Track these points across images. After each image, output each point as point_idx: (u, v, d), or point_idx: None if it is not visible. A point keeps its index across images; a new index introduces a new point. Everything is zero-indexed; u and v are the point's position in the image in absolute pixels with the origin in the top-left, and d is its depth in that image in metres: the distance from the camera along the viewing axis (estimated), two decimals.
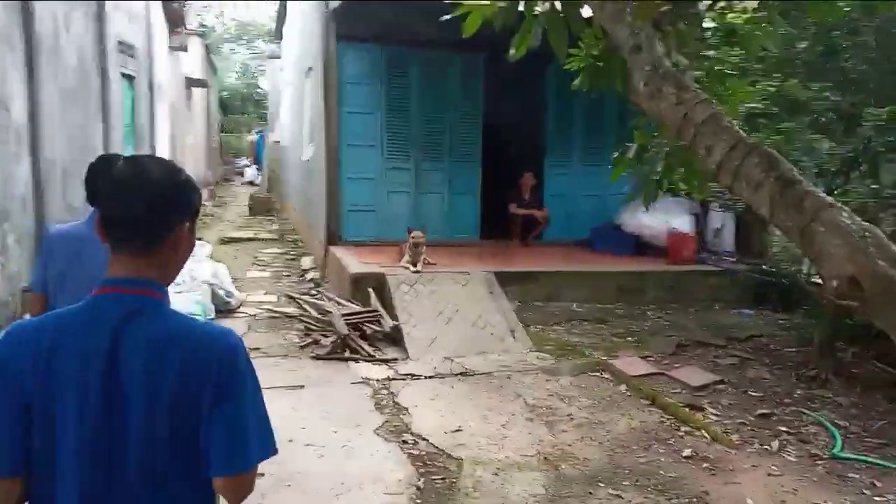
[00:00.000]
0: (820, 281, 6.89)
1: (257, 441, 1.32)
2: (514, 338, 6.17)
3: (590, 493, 3.73)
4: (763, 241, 8.36)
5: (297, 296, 7.52)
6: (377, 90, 8.44)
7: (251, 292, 7.99)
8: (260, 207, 15.48)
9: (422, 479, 3.80)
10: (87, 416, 1.25)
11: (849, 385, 5.44)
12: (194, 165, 16.48)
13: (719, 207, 8.38)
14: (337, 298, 6.94)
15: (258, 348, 5.92)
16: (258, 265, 9.67)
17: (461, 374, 5.48)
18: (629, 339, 6.57)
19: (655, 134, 2.95)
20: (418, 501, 3.58)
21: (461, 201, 8.95)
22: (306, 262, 9.44)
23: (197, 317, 3.99)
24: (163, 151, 11.64)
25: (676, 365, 5.89)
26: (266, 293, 8.05)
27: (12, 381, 1.26)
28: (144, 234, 1.31)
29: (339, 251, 8.03)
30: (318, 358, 5.68)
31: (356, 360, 5.65)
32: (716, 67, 3.27)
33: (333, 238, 8.49)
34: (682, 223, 8.59)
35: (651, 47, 2.33)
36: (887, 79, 4.72)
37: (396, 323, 6.07)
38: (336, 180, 8.45)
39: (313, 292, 7.81)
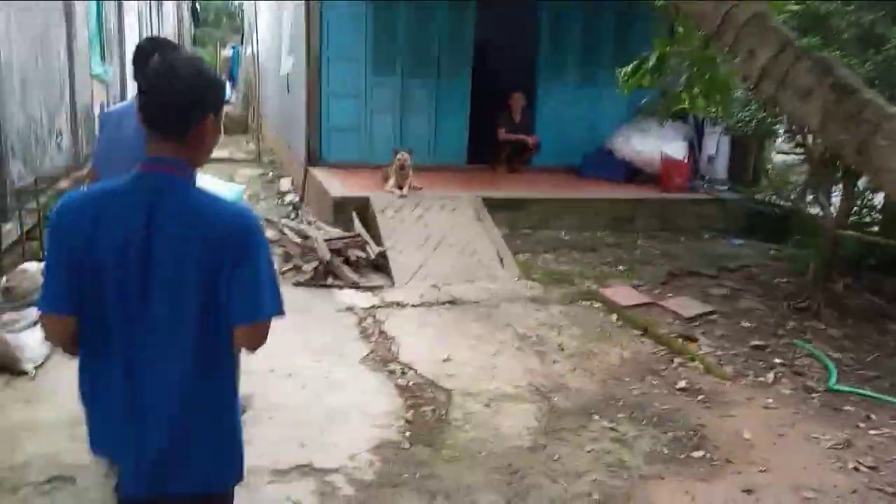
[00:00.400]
0: (819, 211, 6.78)
1: (270, 299, 1.59)
2: (502, 266, 5.98)
3: (583, 425, 3.62)
4: (758, 169, 8.14)
5: (276, 219, 7.21)
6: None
7: None
8: (235, 126, 14.87)
9: (410, 411, 3.66)
10: (125, 269, 1.53)
11: (841, 317, 5.36)
12: None
13: (719, 130, 8.11)
14: (318, 223, 6.66)
15: None
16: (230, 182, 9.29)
17: (448, 302, 5.30)
18: (619, 268, 6.42)
19: (676, 42, 2.64)
20: (407, 434, 3.44)
21: (449, 123, 8.55)
22: (285, 183, 9.08)
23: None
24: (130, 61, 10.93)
25: (668, 295, 5.76)
26: None
27: (66, 242, 1.55)
28: (175, 123, 1.54)
29: (319, 173, 7.68)
30: (299, 285, 5.45)
31: (340, 288, 5.44)
32: None
33: (314, 159, 8.11)
34: (676, 149, 8.33)
35: None
36: None
37: (381, 249, 5.83)
38: (317, 97, 8.00)
39: (292, 216, 7.51)
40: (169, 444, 1.61)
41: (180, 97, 1.52)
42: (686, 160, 8.24)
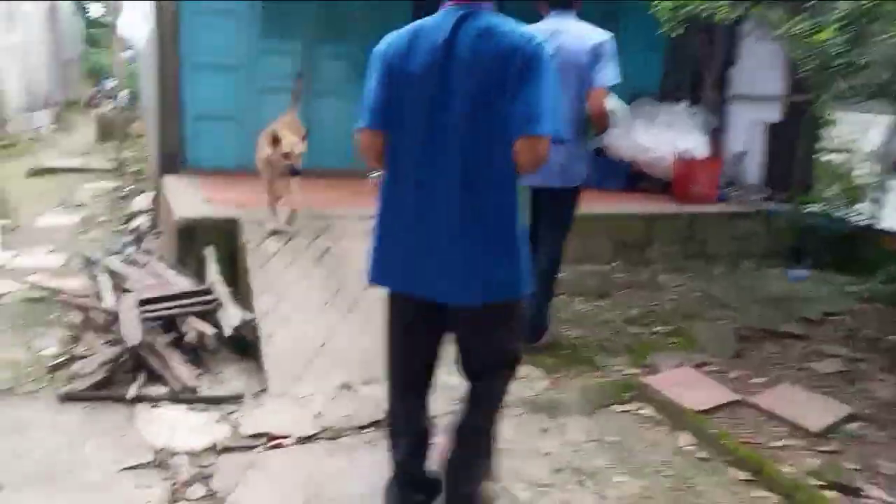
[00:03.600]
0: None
1: (550, 119, 1.75)
2: None
3: None
4: (806, 171, 5.88)
5: (97, 255, 4.46)
6: None
7: (27, 250, 4.84)
8: (113, 131, 11.83)
9: None
10: (428, 83, 1.81)
11: None
12: (26, 76, 12.56)
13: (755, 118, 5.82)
14: (158, 263, 3.95)
15: None
16: (68, 206, 6.41)
17: (373, 424, 2.69)
18: (653, 325, 3.97)
19: None
20: None
21: None
22: (139, 202, 6.27)
23: None
24: None
25: (755, 379, 3.34)
26: (52, 251, 4.90)
27: (388, 64, 1.86)
28: None
29: (176, 184, 4.95)
30: (71, 398, 2.73)
31: (154, 402, 2.74)
32: None
33: (172, 163, 5.36)
34: (695, 143, 5.98)
35: None
36: None
37: (248, 316, 3.17)
38: (174, 71, 5.27)
39: (129, 250, 4.76)
40: (447, 261, 1.81)
41: None
42: (711, 159, 5.91)
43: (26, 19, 13.60)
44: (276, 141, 3.67)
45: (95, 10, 24.22)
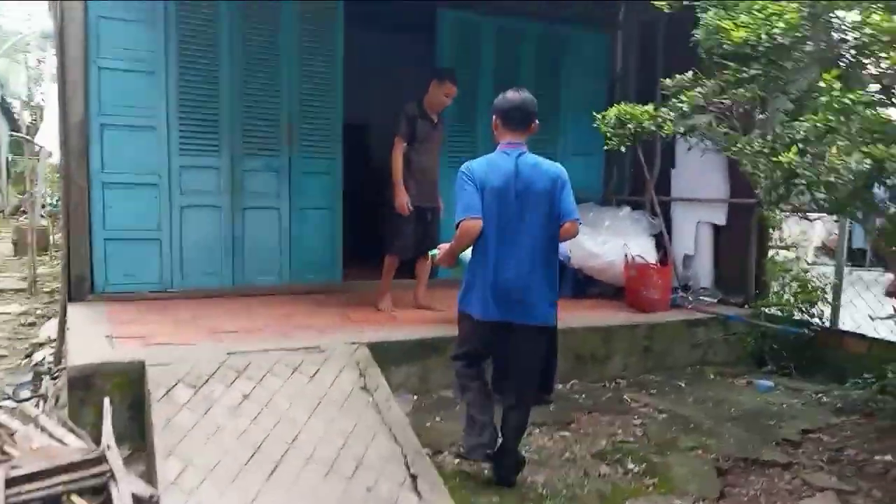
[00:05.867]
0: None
1: (575, 210, 3.03)
2: (417, 494, 2.88)
3: None
4: (759, 273, 5.72)
5: None
6: (159, 30, 4.92)
7: None
8: (32, 243, 11.02)
9: None
10: (506, 192, 2.98)
11: None
12: None
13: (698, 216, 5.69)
14: (52, 419, 3.32)
15: None
16: None
17: None
18: (624, 460, 3.52)
19: None
20: None
21: (312, 219, 5.59)
22: (48, 329, 5.59)
23: None
24: None
25: None
26: None
27: (479, 180, 2.99)
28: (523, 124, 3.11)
29: (78, 316, 4.37)
30: None
31: None
32: None
33: (80, 288, 4.80)
34: (642, 247, 5.80)
35: None
36: None
37: (145, 492, 2.58)
38: (84, 185, 4.79)
39: (24, 394, 4.10)
40: (521, 296, 3.00)
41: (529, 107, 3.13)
42: (659, 263, 5.71)
43: None
44: None
45: (25, 117, 23.55)
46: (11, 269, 9.79)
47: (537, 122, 3.12)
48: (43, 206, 15.31)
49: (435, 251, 3.55)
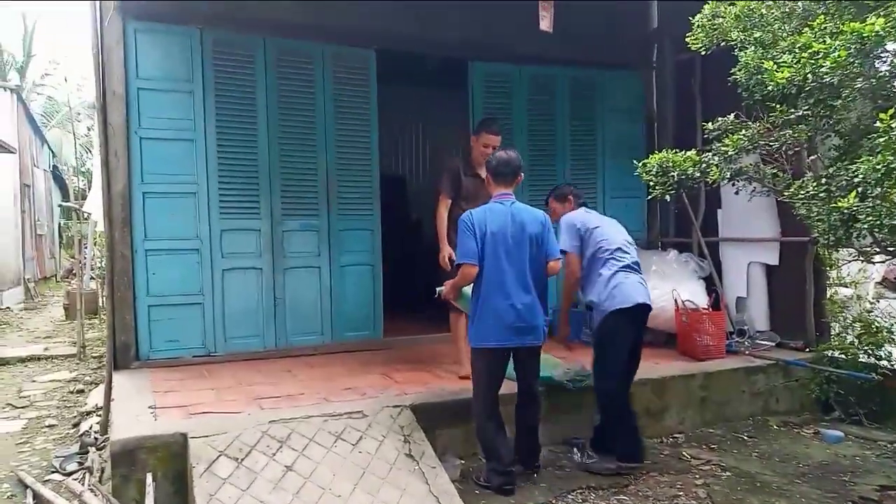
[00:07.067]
0: None
1: (557, 250, 3.70)
2: None
3: None
4: (821, 315, 5.43)
5: (30, 476, 3.78)
6: (197, 98, 5.05)
7: None
8: (85, 307, 11.29)
9: None
10: (502, 235, 3.51)
11: None
12: None
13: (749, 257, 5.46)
14: (97, 497, 3.29)
15: None
16: (13, 407, 5.72)
17: None
18: None
19: None
20: None
21: (352, 277, 5.57)
22: (96, 397, 5.63)
23: None
24: None
25: None
26: None
27: (478, 227, 3.51)
28: (512, 176, 3.71)
29: (123, 385, 4.38)
30: None
31: None
32: None
33: (125, 356, 4.83)
34: (693, 291, 5.59)
35: None
36: None
37: None
38: (128, 253, 4.87)
39: (71, 467, 4.08)
40: (526, 322, 3.50)
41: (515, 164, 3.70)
42: (714, 306, 5.48)
43: None
44: None
45: (76, 183, 24.58)
46: (63, 333, 10.01)
47: (522, 175, 3.77)
48: (93, 269, 15.77)
49: (441, 287, 3.92)
